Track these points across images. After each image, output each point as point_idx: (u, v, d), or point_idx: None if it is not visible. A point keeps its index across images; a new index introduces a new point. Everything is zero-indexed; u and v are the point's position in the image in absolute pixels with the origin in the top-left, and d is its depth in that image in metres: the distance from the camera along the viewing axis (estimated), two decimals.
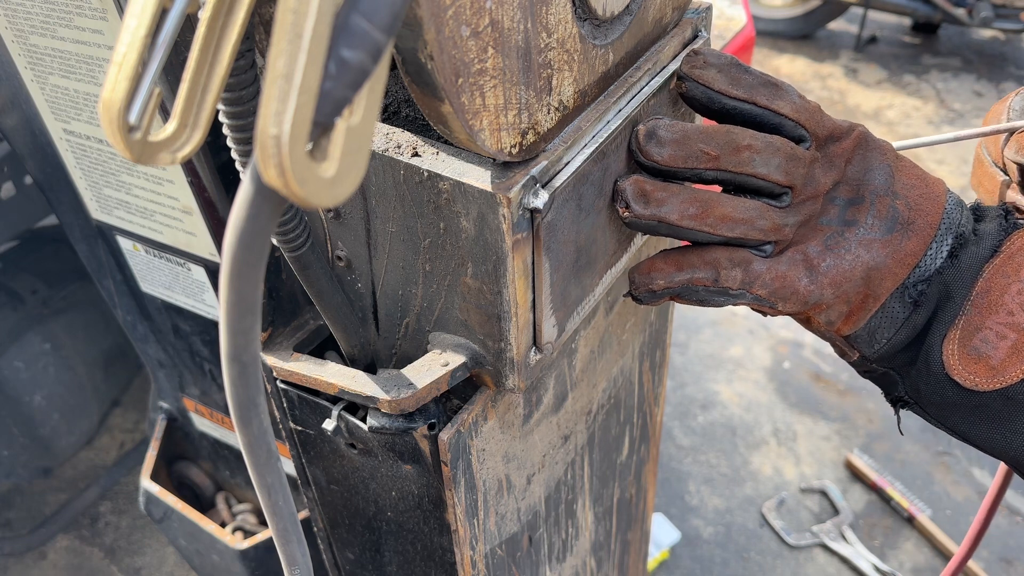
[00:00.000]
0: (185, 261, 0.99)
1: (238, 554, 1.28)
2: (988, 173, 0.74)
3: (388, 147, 0.53)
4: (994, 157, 0.73)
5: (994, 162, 0.73)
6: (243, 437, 0.41)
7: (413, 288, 0.60)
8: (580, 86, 0.55)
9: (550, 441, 0.78)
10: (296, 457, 0.76)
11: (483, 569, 0.73)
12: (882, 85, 4.54)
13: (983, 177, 0.75)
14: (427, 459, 0.63)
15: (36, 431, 1.96)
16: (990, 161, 0.74)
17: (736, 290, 0.57)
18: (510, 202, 0.48)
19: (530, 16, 0.47)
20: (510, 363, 0.58)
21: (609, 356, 0.84)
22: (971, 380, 0.56)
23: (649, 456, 1.13)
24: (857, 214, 0.58)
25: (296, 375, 0.65)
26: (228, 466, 1.47)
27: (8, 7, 0.80)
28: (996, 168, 0.73)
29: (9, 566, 2.12)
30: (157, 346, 1.26)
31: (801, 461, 2.44)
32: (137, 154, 0.35)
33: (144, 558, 2.16)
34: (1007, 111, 0.72)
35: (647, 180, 0.56)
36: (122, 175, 0.93)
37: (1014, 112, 0.71)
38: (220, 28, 0.35)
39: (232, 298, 0.34)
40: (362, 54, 0.29)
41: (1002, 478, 0.85)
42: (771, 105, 0.55)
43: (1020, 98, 0.72)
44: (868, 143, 0.59)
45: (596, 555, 1.07)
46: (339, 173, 0.29)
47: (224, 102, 0.41)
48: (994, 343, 0.55)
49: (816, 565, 2.17)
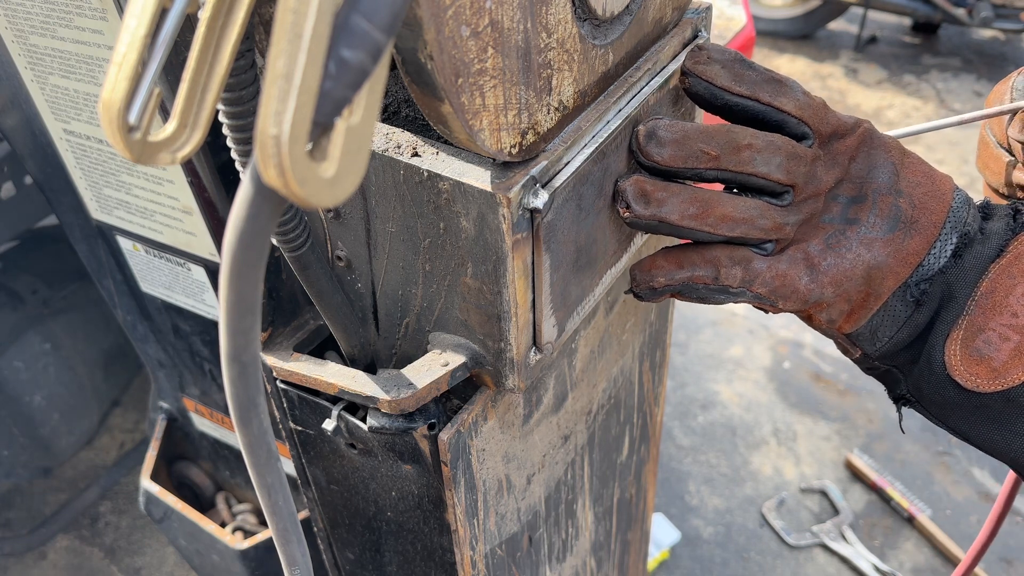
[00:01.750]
0: (185, 261, 0.99)
1: (238, 554, 1.28)
2: (994, 155, 0.73)
3: (388, 147, 0.53)
4: (999, 138, 0.73)
5: (999, 143, 0.73)
6: (243, 437, 0.41)
7: (413, 288, 0.60)
8: (580, 86, 0.55)
9: (550, 441, 0.78)
10: (296, 457, 0.76)
11: (483, 569, 0.73)
12: (882, 85, 4.54)
13: (988, 159, 0.74)
14: (427, 459, 0.63)
15: (36, 431, 1.96)
16: (995, 142, 0.73)
17: (736, 288, 0.57)
18: (510, 202, 0.48)
19: (530, 16, 0.47)
20: (510, 363, 0.58)
21: (609, 356, 0.84)
22: (973, 381, 0.55)
23: (649, 456, 1.13)
24: (859, 212, 0.58)
25: (296, 375, 0.65)
26: (228, 466, 1.47)
27: (8, 7, 0.80)
28: (1001, 149, 0.72)
29: (9, 566, 2.12)
30: (157, 346, 1.26)
31: (801, 461, 2.44)
32: (137, 154, 0.35)
33: (144, 558, 2.16)
34: (1010, 91, 0.71)
35: (647, 180, 0.56)
36: (122, 175, 0.93)
37: (1017, 92, 0.71)
38: (220, 28, 0.35)
39: (232, 298, 0.34)
40: (362, 54, 0.29)
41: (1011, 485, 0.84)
42: (774, 102, 0.55)
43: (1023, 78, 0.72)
44: (873, 140, 0.59)
45: (596, 555, 1.07)
46: (339, 173, 0.29)
47: (224, 102, 0.41)
48: (997, 344, 0.55)
49: (816, 565, 2.17)
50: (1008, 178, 0.72)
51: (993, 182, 0.74)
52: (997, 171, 0.73)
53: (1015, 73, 0.73)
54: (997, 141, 0.73)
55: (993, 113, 0.70)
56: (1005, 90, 0.72)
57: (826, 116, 0.57)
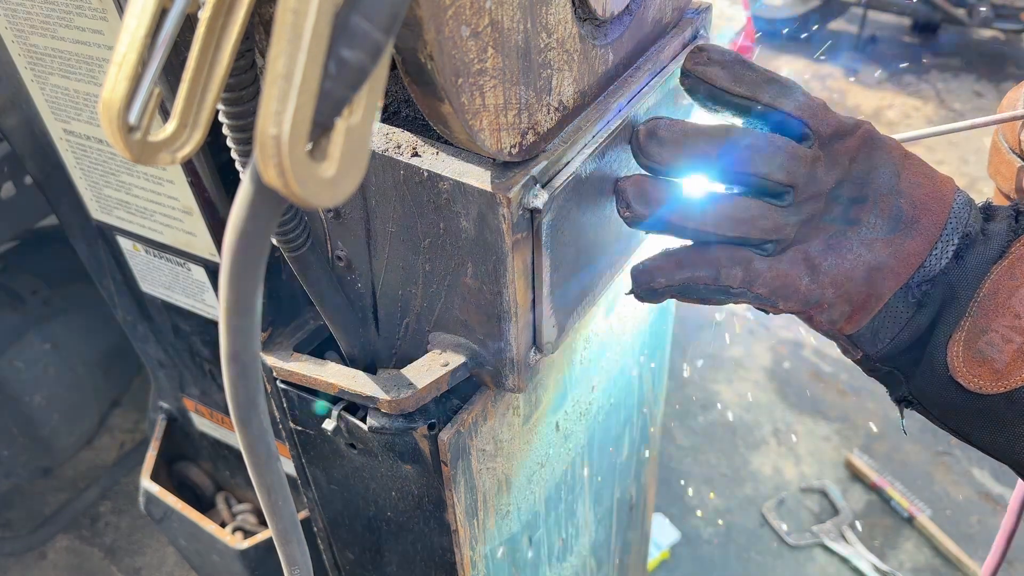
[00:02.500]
0: (185, 261, 0.99)
1: (238, 554, 1.28)
2: (1006, 160, 0.73)
3: (388, 147, 0.53)
4: (1011, 144, 0.73)
5: (1011, 149, 0.73)
6: (243, 437, 0.41)
7: (413, 288, 0.60)
8: (580, 86, 0.55)
9: (550, 441, 0.78)
10: (296, 457, 0.76)
11: (483, 569, 0.73)
12: (882, 85, 4.54)
13: (1000, 164, 0.74)
14: (427, 459, 0.63)
15: (36, 431, 1.96)
16: (1007, 148, 0.73)
17: (737, 289, 0.57)
18: (510, 202, 0.48)
19: (530, 16, 0.47)
20: (510, 363, 0.58)
21: (609, 356, 0.84)
22: (975, 383, 0.55)
23: (649, 456, 1.13)
24: (860, 213, 0.57)
25: (296, 375, 0.65)
26: (228, 466, 1.47)
27: (8, 7, 0.80)
28: (1014, 155, 0.72)
29: (9, 566, 2.12)
30: (157, 346, 1.26)
31: (801, 461, 2.44)
32: (137, 154, 0.35)
33: (144, 558, 2.16)
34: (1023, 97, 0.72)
35: (648, 180, 0.56)
36: (122, 175, 0.93)
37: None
38: (220, 28, 0.35)
39: (232, 298, 0.34)
40: (362, 54, 0.29)
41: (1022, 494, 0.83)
42: (774, 103, 0.55)
43: None
44: (874, 141, 0.59)
45: (596, 555, 1.07)
46: (339, 173, 0.29)
47: (224, 102, 0.41)
48: (999, 346, 0.54)
49: (816, 565, 2.17)
50: (1020, 183, 0.72)
51: (1005, 188, 0.74)
52: (1009, 176, 0.73)
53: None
54: (1010, 147, 0.73)
55: (1007, 118, 0.70)
56: (1018, 96, 0.72)
57: (826, 117, 0.57)
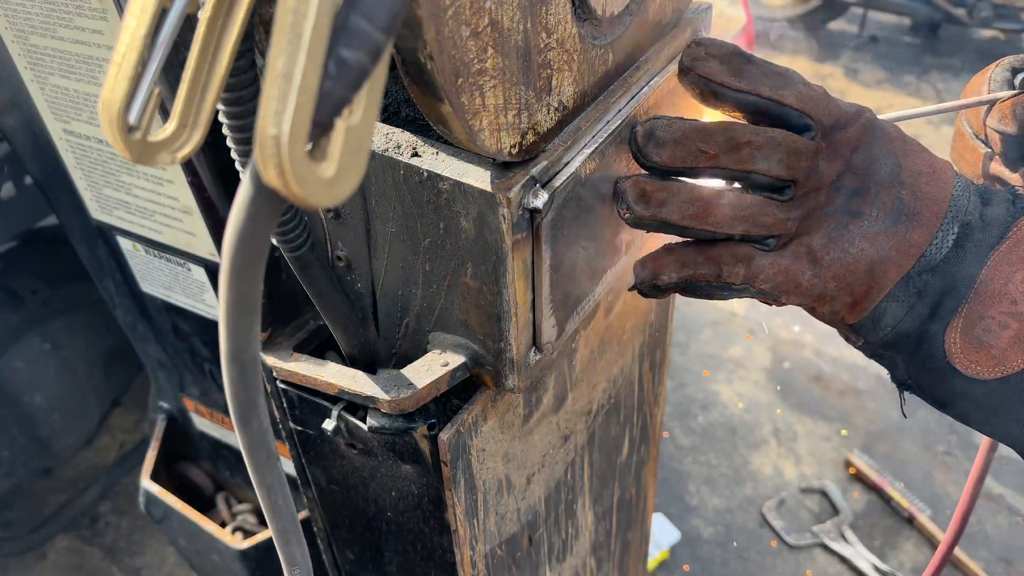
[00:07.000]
0: (185, 261, 0.99)
1: (238, 554, 1.28)
2: (969, 146, 0.73)
3: (388, 147, 0.53)
4: (976, 129, 0.72)
5: (975, 134, 0.73)
6: (243, 437, 0.41)
7: (413, 288, 0.60)
8: (580, 86, 0.55)
9: (550, 441, 0.78)
10: (296, 457, 0.76)
11: (483, 569, 0.73)
12: (882, 85, 4.54)
13: (964, 150, 0.74)
14: (427, 459, 0.63)
15: (36, 431, 1.96)
16: (971, 133, 0.73)
17: (739, 285, 0.57)
18: (510, 202, 0.48)
19: (530, 16, 0.47)
20: (510, 363, 0.58)
21: (609, 356, 0.84)
22: (973, 368, 0.56)
23: (649, 456, 1.13)
24: (862, 205, 0.57)
25: (296, 375, 0.65)
26: (228, 466, 1.47)
27: (8, 7, 0.80)
28: (978, 140, 0.72)
29: (9, 566, 2.12)
30: (157, 346, 1.26)
31: (801, 461, 2.44)
32: (136, 154, 0.35)
33: (144, 558, 2.16)
34: (988, 82, 0.71)
35: (647, 180, 0.55)
36: (122, 175, 0.93)
37: (995, 83, 0.70)
38: (220, 28, 0.35)
39: (232, 298, 0.34)
40: (362, 54, 0.29)
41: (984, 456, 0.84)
42: (775, 95, 0.55)
43: (1000, 69, 0.71)
44: (875, 131, 0.58)
45: (596, 555, 1.07)
46: (339, 173, 0.29)
47: (224, 102, 0.41)
48: (996, 332, 0.55)
49: (816, 565, 2.17)
50: (984, 169, 0.71)
51: (969, 173, 0.74)
52: (973, 162, 0.72)
53: (993, 64, 0.72)
54: (974, 132, 0.73)
55: (972, 103, 0.70)
56: (983, 81, 0.72)
57: (828, 106, 0.57)
